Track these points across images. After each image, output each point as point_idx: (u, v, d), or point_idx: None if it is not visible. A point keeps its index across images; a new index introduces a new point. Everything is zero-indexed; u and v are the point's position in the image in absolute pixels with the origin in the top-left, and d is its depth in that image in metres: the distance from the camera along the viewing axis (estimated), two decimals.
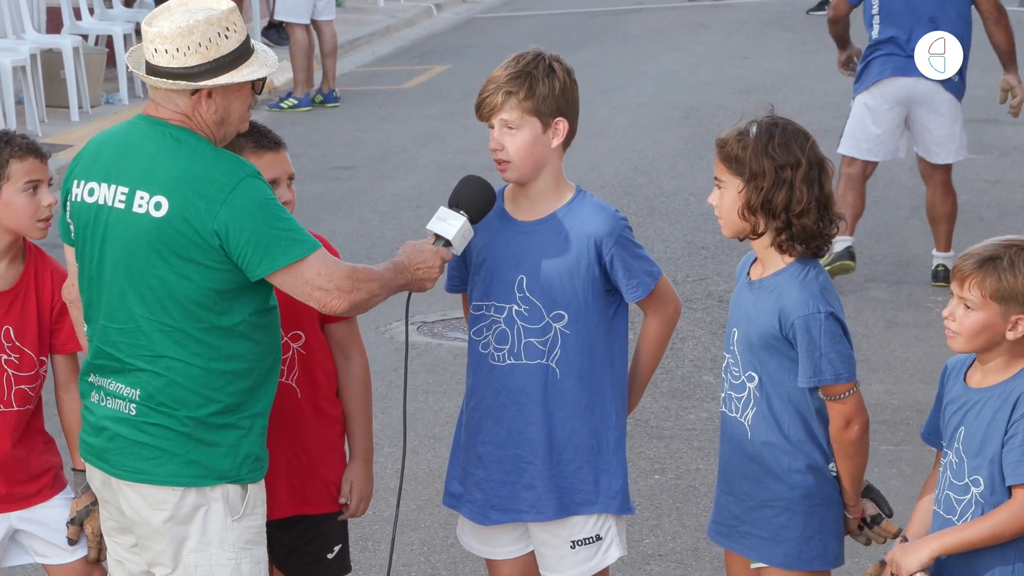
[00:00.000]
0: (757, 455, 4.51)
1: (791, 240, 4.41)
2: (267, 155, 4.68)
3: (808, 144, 4.43)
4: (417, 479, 7.13)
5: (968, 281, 4.15)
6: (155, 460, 4.34)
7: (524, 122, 4.57)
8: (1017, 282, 4.12)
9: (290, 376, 4.75)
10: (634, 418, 7.83)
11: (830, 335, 4.38)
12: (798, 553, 4.52)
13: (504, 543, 4.80)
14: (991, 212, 11.40)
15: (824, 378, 4.39)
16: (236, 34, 4.30)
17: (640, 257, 4.65)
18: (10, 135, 4.75)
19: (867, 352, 8.74)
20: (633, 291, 4.64)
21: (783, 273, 4.46)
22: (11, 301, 4.77)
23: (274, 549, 4.81)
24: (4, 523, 4.85)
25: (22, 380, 4.78)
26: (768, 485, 4.51)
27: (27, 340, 4.78)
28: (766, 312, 4.45)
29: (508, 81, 4.57)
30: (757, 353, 4.48)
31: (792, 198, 4.38)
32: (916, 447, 7.47)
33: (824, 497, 4.52)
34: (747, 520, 4.57)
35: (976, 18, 9.73)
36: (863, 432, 4.44)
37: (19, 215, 4.71)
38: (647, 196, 11.87)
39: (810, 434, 4.48)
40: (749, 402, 4.52)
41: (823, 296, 4.40)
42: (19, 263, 4.81)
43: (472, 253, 4.72)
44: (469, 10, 22.57)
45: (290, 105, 15.28)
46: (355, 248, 10.28)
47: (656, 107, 15.19)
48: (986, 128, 13.96)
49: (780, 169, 4.38)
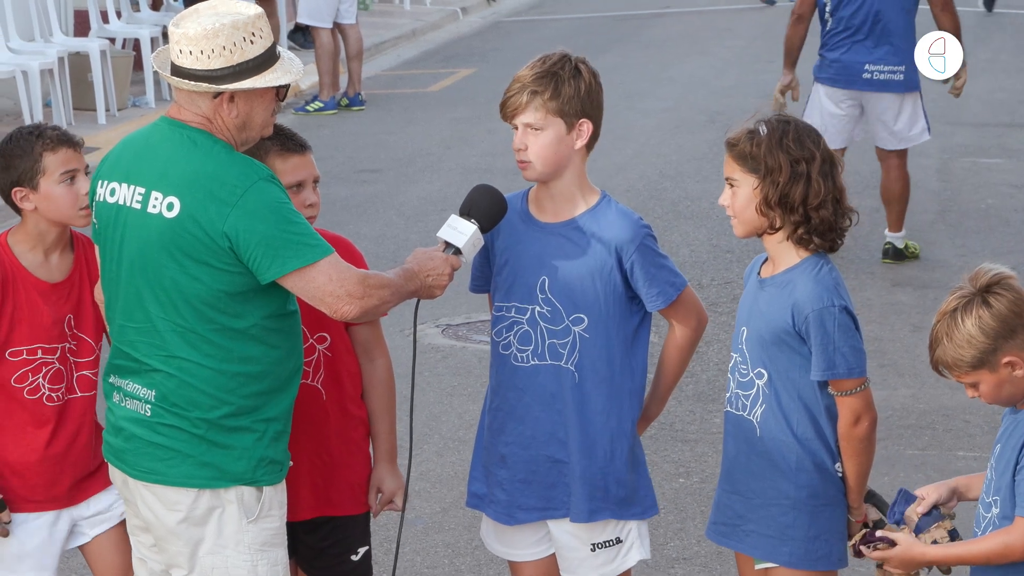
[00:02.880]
0: (765, 452, 4.51)
1: (809, 233, 4.43)
2: (293, 158, 4.69)
3: (819, 139, 4.46)
4: (442, 482, 7.14)
5: (953, 374, 4.17)
6: (169, 461, 4.36)
7: (548, 122, 4.58)
8: (966, 348, 4.10)
9: (315, 378, 4.76)
10: (659, 422, 7.81)
11: (844, 329, 4.39)
12: (804, 552, 4.52)
13: (525, 545, 4.81)
14: (1017, 217, 11.37)
15: (837, 371, 4.40)
16: (262, 40, 4.32)
17: (663, 267, 4.65)
18: (41, 128, 4.79)
19: (893, 356, 8.72)
20: (654, 300, 4.64)
21: (796, 268, 4.46)
22: (68, 291, 4.82)
23: (299, 551, 4.83)
24: (67, 517, 4.87)
25: (83, 366, 4.84)
26: (776, 483, 4.51)
27: (85, 327, 4.84)
28: (779, 307, 4.46)
29: (534, 81, 4.58)
30: (768, 349, 4.48)
31: (809, 191, 4.40)
32: (942, 452, 7.46)
33: (830, 497, 4.52)
34: (752, 518, 4.56)
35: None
36: (871, 429, 4.45)
37: (60, 206, 4.75)
38: (672, 200, 11.87)
39: (819, 432, 4.48)
40: (758, 399, 4.52)
41: (836, 290, 4.42)
42: (70, 253, 4.85)
43: (496, 254, 4.72)
44: (494, 13, 22.58)
45: (316, 108, 15.31)
46: (381, 251, 10.29)
47: (681, 111, 15.19)
48: (1011, 132, 13.93)
49: (796, 163, 4.41)
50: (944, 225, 11.08)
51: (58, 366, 4.80)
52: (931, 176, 12.45)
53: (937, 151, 13.25)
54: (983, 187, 12.23)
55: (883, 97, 9.98)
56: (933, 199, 11.92)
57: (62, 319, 4.79)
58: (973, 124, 10.51)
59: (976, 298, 4.11)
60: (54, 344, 4.78)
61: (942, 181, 12.43)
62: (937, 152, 13.24)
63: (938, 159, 13.08)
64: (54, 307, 4.79)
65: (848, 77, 9.98)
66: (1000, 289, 4.12)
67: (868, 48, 9.92)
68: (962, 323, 4.10)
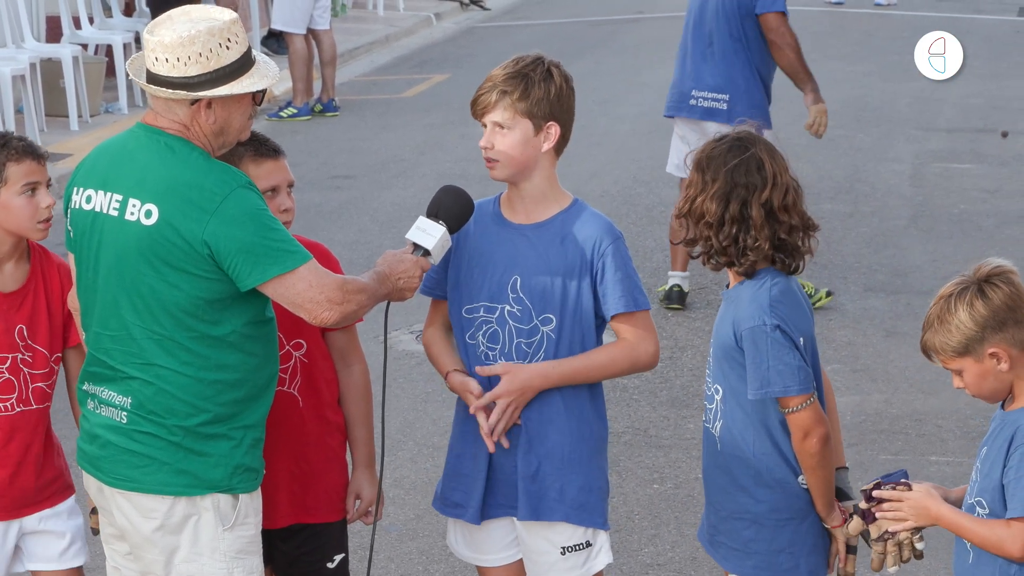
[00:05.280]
0: (725, 467, 4.53)
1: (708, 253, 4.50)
2: (267, 163, 4.69)
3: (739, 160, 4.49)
4: (416, 488, 7.13)
5: (939, 358, 4.17)
6: (145, 468, 4.35)
7: (516, 123, 4.60)
8: (953, 333, 4.11)
9: (292, 384, 4.76)
10: (633, 427, 7.84)
11: (777, 346, 4.37)
12: (768, 566, 4.52)
13: (495, 549, 4.81)
14: (989, 222, 11.41)
15: (772, 390, 4.39)
16: (238, 45, 4.31)
17: (633, 278, 4.67)
18: (7, 138, 4.77)
19: (866, 361, 8.75)
20: (617, 302, 4.62)
21: (744, 283, 4.49)
22: (21, 301, 4.80)
23: (275, 558, 4.82)
24: (15, 528, 4.87)
25: (38, 378, 4.83)
26: (735, 497, 4.53)
27: (39, 338, 4.82)
28: (727, 322, 4.48)
29: (505, 81, 4.61)
30: (721, 364, 4.50)
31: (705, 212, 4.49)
32: (915, 457, 7.48)
33: (795, 511, 4.50)
34: (722, 530, 4.59)
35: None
36: (822, 444, 4.41)
37: (19, 217, 4.73)
38: (646, 205, 11.89)
39: (776, 447, 4.47)
40: (717, 414, 4.54)
41: (772, 308, 4.40)
42: (25, 263, 4.84)
43: (462, 255, 4.71)
44: (468, 19, 22.59)
45: (289, 114, 15.29)
46: (355, 257, 10.29)
47: (655, 117, 15.16)
48: (983, 138, 13.98)
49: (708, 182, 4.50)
50: (917, 230, 11.11)
51: (8, 376, 4.78)
52: (904, 181, 12.49)
53: (910, 156, 13.30)
54: (955, 192, 12.27)
55: (702, 125, 9.40)
56: (906, 204, 11.95)
57: (13, 329, 4.77)
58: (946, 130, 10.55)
59: (973, 286, 4.13)
60: (5, 354, 4.77)
61: (915, 186, 12.47)
62: (910, 157, 13.29)
63: (911, 164, 13.13)
64: (5, 317, 4.77)
65: (674, 105, 9.58)
66: (999, 281, 4.14)
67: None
68: (954, 309, 4.12)
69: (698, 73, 9.45)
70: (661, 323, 8.98)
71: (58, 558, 4.91)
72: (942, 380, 8.29)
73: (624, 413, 7.96)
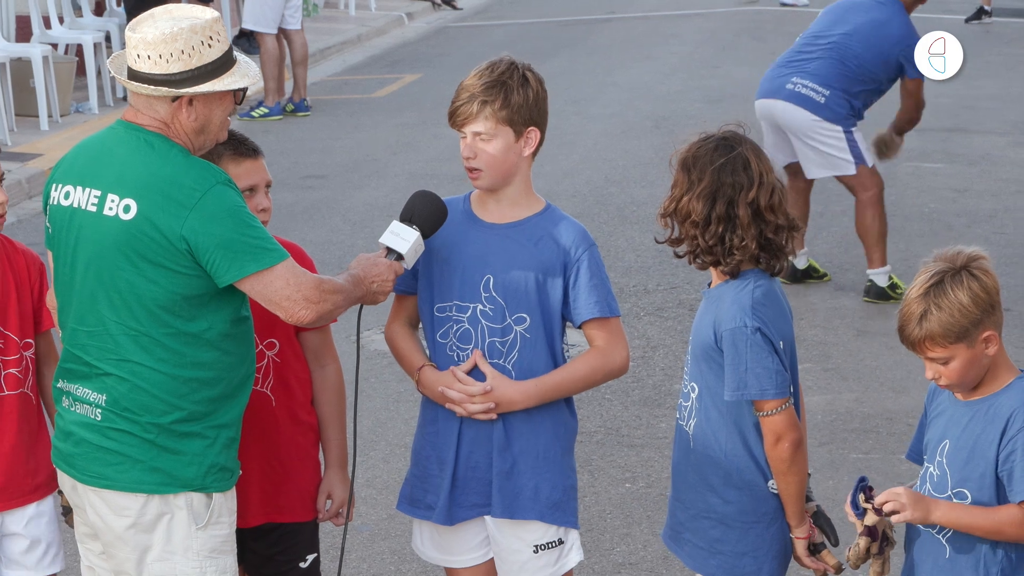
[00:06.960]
0: (697, 465, 4.54)
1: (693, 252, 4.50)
2: (246, 162, 4.70)
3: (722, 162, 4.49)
4: (388, 488, 7.13)
5: (924, 345, 4.15)
6: (118, 466, 4.35)
7: (498, 131, 4.61)
8: (957, 317, 4.12)
9: (265, 384, 4.76)
10: (605, 426, 7.85)
11: (756, 349, 4.38)
12: (730, 567, 4.52)
13: (464, 549, 4.81)
14: (959, 221, 11.46)
15: (749, 392, 4.40)
16: (219, 43, 4.33)
17: (606, 285, 4.69)
18: None
19: (837, 361, 8.78)
20: (591, 308, 4.63)
21: (727, 283, 4.49)
22: None
23: (247, 558, 4.82)
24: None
25: (10, 364, 4.81)
26: (705, 496, 4.53)
27: (9, 324, 4.81)
28: (707, 321, 4.48)
29: (484, 90, 4.60)
30: (699, 363, 4.51)
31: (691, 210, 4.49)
32: (885, 455, 7.50)
33: (761, 515, 4.51)
34: (689, 528, 4.59)
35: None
36: (794, 450, 4.42)
37: None
38: (618, 205, 11.90)
39: (748, 449, 4.48)
40: (692, 412, 4.55)
41: (753, 310, 4.40)
42: None
43: (432, 253, 4.71)
44: (440, 19, 22.58)
45: (261, 114, 15.27)
46: (327, 257, 10.28)
47: (627, 116, 15.23)
48: (954, 137, 14.03)
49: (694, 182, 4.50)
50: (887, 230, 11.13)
51: None
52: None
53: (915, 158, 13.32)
54: (926, 192, 12.32)
55: (790, 108, 9.86)
56: None
57: None
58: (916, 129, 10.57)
59: (962, 271, 4.14)
60: None
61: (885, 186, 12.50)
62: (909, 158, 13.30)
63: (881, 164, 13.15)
64: None
65: (763, 87, 10.06)
66: (984, 264, 4.17)
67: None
68: (952, 293, 4.11)
69: (803, 67, 9.67)
70: (633, 323, 9.01)
71: (35, 566, 4.89)
72: (913, 378, 8.33)
73: (596, 412, 7.97)
